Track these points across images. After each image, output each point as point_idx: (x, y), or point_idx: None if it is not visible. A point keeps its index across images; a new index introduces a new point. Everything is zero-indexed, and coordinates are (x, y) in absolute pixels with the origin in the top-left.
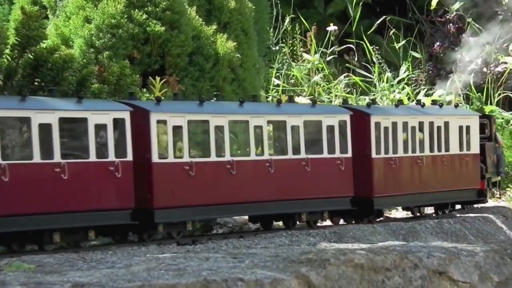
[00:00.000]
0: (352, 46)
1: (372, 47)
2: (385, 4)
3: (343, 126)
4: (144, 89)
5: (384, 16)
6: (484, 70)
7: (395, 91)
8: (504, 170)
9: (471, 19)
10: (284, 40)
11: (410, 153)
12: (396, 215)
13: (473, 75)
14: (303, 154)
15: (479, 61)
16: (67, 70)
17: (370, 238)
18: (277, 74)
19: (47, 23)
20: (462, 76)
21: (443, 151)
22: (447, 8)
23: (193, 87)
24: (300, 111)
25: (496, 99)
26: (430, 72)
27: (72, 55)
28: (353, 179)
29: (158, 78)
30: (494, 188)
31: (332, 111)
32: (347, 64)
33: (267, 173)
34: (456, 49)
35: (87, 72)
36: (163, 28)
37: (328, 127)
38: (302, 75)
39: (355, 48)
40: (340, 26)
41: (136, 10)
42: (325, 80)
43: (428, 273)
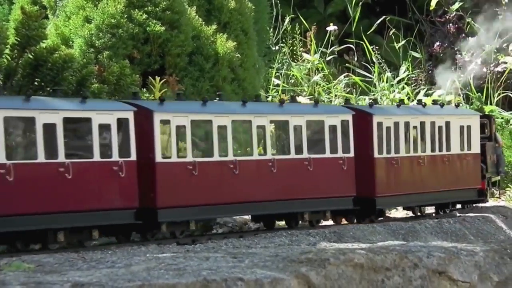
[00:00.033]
0: (352, 46)
1: (372, 47)
2: (384, 4)
3: (345, 126)
4: (144, 89)
5: (384, 16)
6: (484, 70)
7: (394, 91)
8: (504, 170)
9: (470, 19)
10: (284, 40)
11: (411, 152)
12: (395, 214)
13: (472, 75)
14: (305, 154)
15: (478, 61)
16: (67, 70)
17: (370, 237)
18: (277, 74)
19: (47, 23)
20: (462, 76)
21: (444, 151)
22: (446, 8)
23: (193, 87)
24: (302, 111)
25: (496, 99)
26: (430, 72)
27: (72, 55)
28: (355, 179)
29: (158, 78)
30: (493, 188)
31: (335, 111)
32: (347, 64)
33: (270, 172)
34: (456, 48)
35: (87, 72)
36: (163, 28)
37: (331, 127)
38: (302, 75)
39: (355, 48)
40: (340, 26)
41: (136, 10)
42: (325, 80)
43: (428, 272)
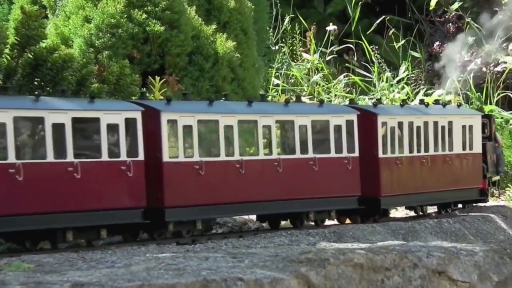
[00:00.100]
0: (352, 45)
1: (371, 46)
2: (384, 4)
3: (350, 125)
4: (144, 88)
5: (383, 16)
6: (484, 69)
7: (394, 90)
8: (503, 169)
9: (470, 18)
10: (283, 40)
11: (415, 152)
12: (395, 214)
13: (472, 74)
14: (310, 154)
15: (478, 60)
16: (67, 69)
17: (370, 237)
18: (276, 73)
19: (47, 22)
20: (462, 75)
21: (447, 151)
22: (446, 8)
23: (192, 87)
24: (307, 111)
25: (496, 98)
26: (429, 71)
27: (71, 55)
28: (360, 179)
29: (157, 78)
30: (493, 188)
31: (340, 111)
32: (346, 64)
33: (276, 172)
34: (455, 48)
35: (87, 71)
36: (163, 27)
37: (336, 127)
38: (301, 74)
39: (355, 47)
40: (339, 25)
41: (136, 9)
42: (324, 79)
43: (428, 272)
